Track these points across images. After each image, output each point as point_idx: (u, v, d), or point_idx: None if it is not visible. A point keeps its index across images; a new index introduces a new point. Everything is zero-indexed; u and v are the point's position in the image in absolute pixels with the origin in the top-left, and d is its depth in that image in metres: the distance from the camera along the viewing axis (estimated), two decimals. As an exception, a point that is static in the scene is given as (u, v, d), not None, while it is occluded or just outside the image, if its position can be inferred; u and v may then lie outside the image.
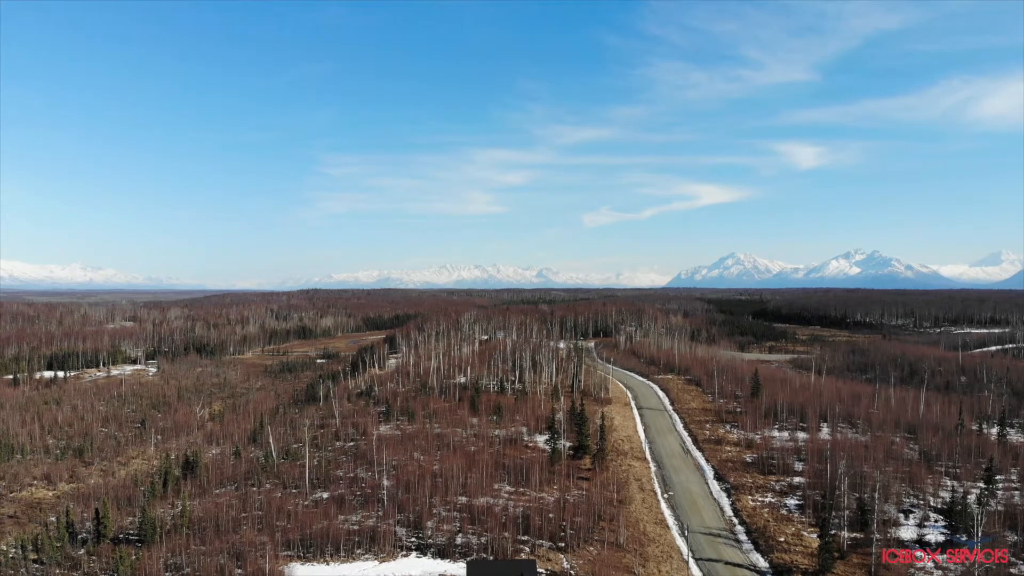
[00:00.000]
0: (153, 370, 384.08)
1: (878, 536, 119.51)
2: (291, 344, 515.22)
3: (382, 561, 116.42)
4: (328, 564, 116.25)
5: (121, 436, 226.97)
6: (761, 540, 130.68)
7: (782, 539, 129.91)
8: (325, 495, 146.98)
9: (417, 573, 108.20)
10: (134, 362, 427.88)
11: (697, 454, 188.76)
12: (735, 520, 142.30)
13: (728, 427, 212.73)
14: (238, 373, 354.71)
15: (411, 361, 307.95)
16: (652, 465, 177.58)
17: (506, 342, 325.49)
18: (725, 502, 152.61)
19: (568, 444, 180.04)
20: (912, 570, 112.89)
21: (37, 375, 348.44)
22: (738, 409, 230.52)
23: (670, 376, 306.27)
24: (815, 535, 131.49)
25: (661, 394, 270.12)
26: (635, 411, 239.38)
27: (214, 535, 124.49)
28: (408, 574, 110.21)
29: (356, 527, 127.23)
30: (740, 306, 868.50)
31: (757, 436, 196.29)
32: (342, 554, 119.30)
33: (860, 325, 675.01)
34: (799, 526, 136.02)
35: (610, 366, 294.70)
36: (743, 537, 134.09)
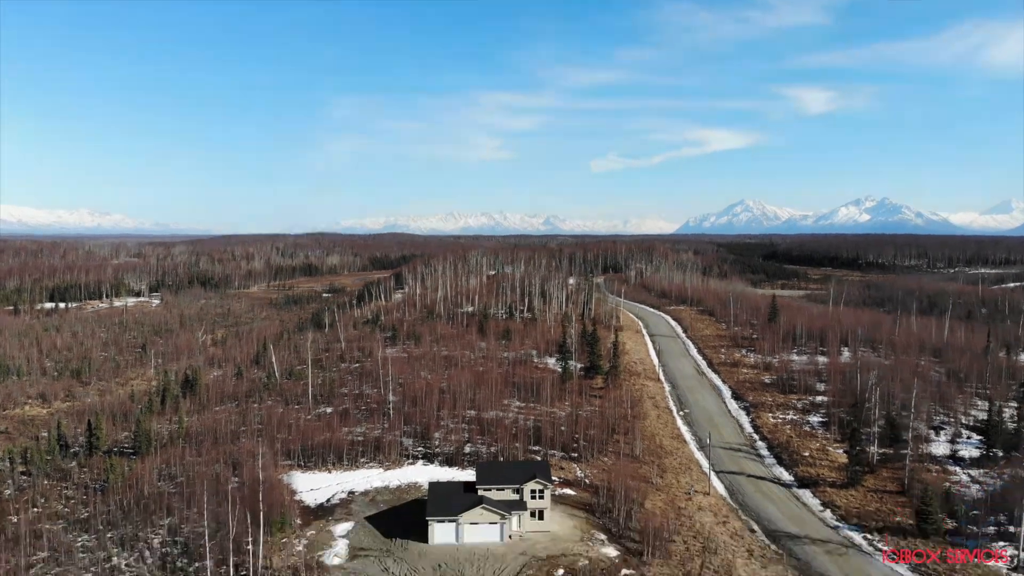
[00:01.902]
0: (156, 302, 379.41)
1: (910, 451, 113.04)
2: (297, 280, 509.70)
3: (387, 469, 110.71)
4: (330, 472, 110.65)
5: (121, 359, 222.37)
6: (784, 455, 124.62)
7: (806, 454, 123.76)
8: (328, 410, 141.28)
9: (424, 478, 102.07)
10: (137, 295, 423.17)
11: (712, 376, 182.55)
12: (755, 436, 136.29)
13: (744, 351, 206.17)
14: (243, 305, 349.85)
15: (417, 292, 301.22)
16: (666, 385, 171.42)
17: (514, 275, 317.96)
18: (744, 419, 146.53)
19: (579, 365, 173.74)
20: (947, 483, 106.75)
21: (38, 307, 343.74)
22: (754, 335, 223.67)
23: (682, 307, 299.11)
24: (841, 450, 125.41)
25: (673, 323, 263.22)
26: (647, 337, 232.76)
27: (211, 446, 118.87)
28: (414, 480, 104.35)
29: (360, 438, 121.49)
30: (749, 249, 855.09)
31: (775, 359, 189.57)
32: (345, 463, 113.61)
33: (872, 266, 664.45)
34: (824, 442, 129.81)
35: (620, 299, 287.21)
36: (764, 452, 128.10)
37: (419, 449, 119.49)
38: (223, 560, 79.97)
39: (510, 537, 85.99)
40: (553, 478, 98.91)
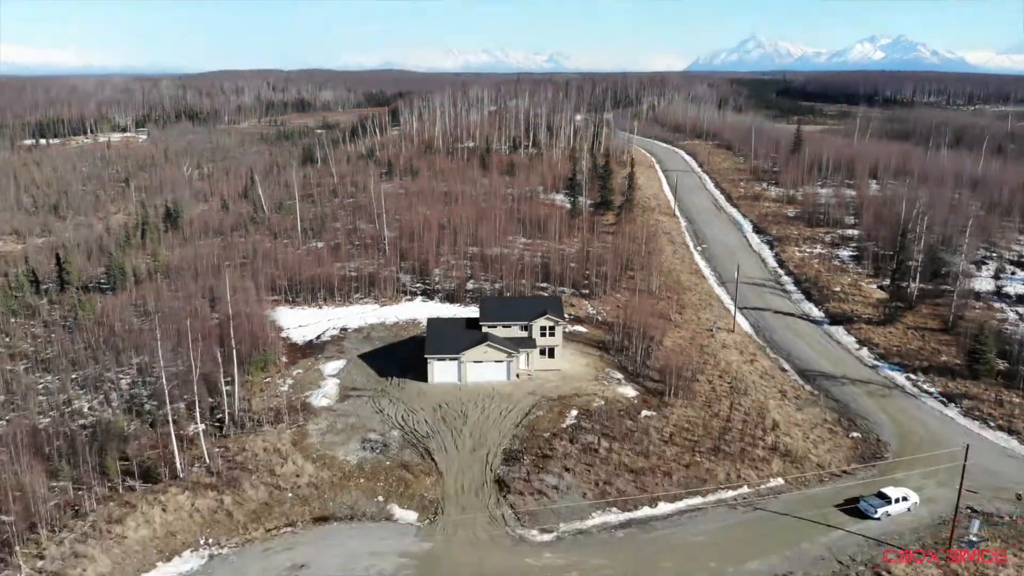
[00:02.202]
0: (143, 137, 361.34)
1: (958, 285, 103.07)
2: (288, 116, 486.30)
3: (383, 305, 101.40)
4: (321, 308, 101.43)
5: (103, 194, 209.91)
6: (813, 290, 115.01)
7: (837, 289, 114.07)
8: (320, 244, 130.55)
9: (423, 315, 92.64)
10: (123, 130, 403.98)
11: (731, 210, 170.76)
12: (780, 271, 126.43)
13: (765, 184, 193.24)
14: (232, 139, 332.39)
15: (414, 127, 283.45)
16: (682, 220, 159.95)
17: (518, 108, 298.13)
18: (767, 254, 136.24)
19: (589, 201, 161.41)
20: (994, 320, 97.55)
21: (20, 143, 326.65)
22: (775, 168, 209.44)
23: (697, 142, 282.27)
24: (875, 286, 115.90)
25: (687, 158, 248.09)
26: (660, 172, 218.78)
27: (191, 281, 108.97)
28: (412, 316, 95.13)
29: (354, 274, 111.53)
30: (763, 86, 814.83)
31: (798, 192, 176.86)
32: (337, 299, 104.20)
33: (890, 103, 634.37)
34: (855, 277, 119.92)
35: (633, 136, 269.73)
36: (791, 287, 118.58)
37: (417, 286, 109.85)
38: (197, 401, 71.72)
39: (517, 376, 77.50)
40: (565, 315, 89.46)
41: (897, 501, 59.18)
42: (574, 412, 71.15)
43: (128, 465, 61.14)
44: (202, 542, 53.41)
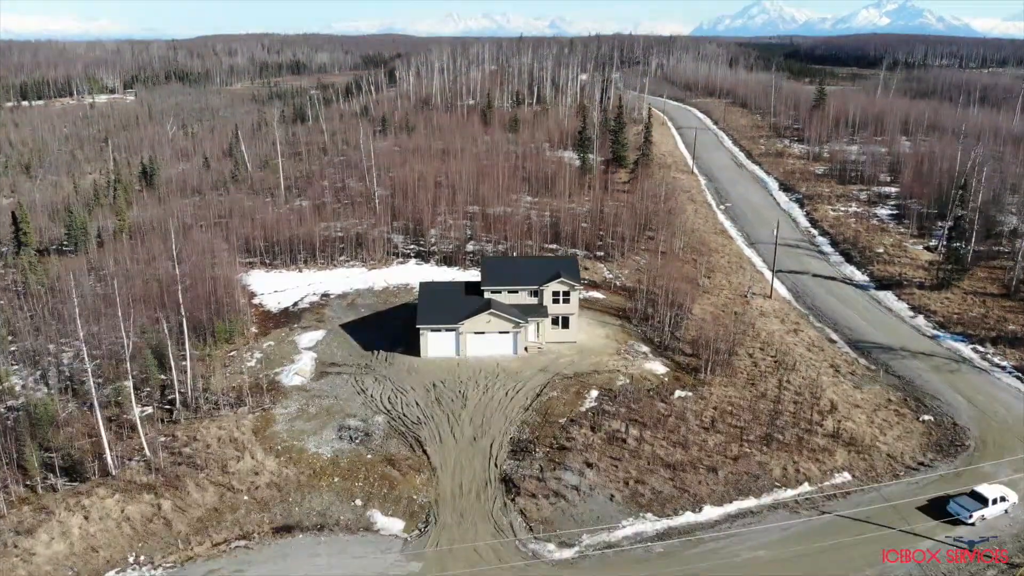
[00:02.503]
0: (131, 98, 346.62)
1: (1003, 248, 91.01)
2: (283, 78, 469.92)
3: (372, 268, 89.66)
4: (301, 272, 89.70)
5: (80, 154, 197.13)
6: (853, 252, 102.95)
7: (880, 250, 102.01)
8: (305, 203, 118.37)
9: (416, 279, 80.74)
10: (111, 92, 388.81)
11: (753, 167, 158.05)
12: (813, 231, 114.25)
13: (787, 142, 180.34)
14: (222, 100, 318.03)
15: (411, 85, 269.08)
16: (701, 178, 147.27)
17: (522, 64, 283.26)
18: (797, 212, 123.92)
19: (600, 158, 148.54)
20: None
21: (3, 105, 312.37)
22: (796, 125, 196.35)
23: (709, 99, 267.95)
24: (921, 247, 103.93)
25: (701, 115, 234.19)
26: (673, 130, 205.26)
27: (159, 241, 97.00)
28: (404, 281, 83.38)
29: (340, 234, 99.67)
30: (769, 49, 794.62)
31: (824, 149, 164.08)
32: (320, 261, 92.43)
33: (905, 65, 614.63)
34: (898, 237, 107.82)
35: (644, 96, 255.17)
36: (827, 248, 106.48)
37: (411, 247, 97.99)
38: (147, 379, 60.27)
39: (526, 350, 65.94)
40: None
41: (994, 502, 47.88)
42: (594, 392, 59.68)
43: (54, 458, 49.88)
44: (131, 560, 42.29)
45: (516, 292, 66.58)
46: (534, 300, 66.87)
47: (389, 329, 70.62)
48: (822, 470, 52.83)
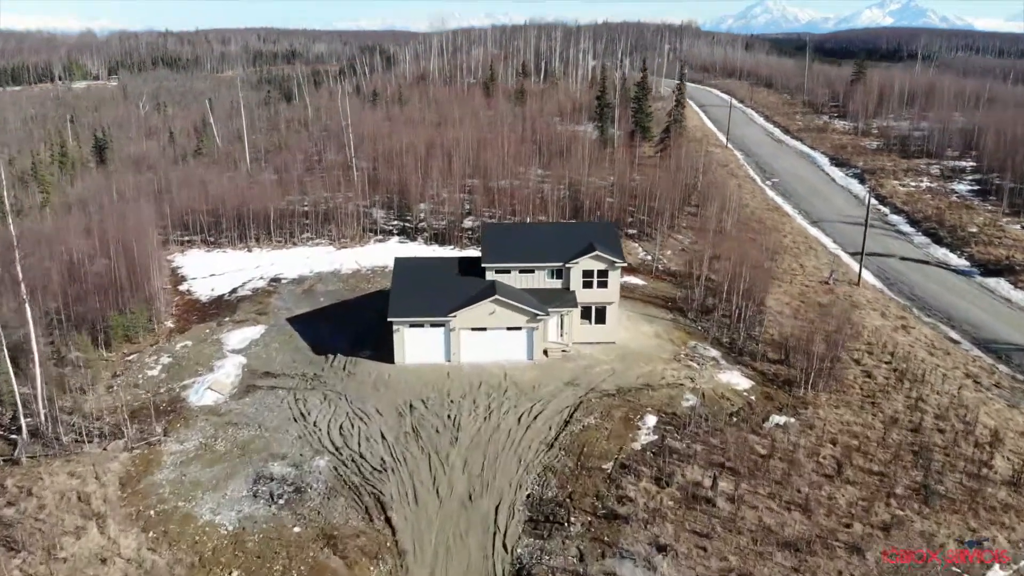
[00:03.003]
0: (114, 84, 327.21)
1: None
2: (278, 66, 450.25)
3: (341, 247, 70.04)
4: (250, 251, 70.03)
5: (41, 132, 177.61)
6: (940, 231, 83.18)
7: (974, 231, 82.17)
8: (273, 176, 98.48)
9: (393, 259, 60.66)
10: (95, 78, 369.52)
11: (793, 142, 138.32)
12: (882, 208, 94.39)
13: (826, 118, 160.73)
14: (208, 84, 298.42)
15: (409, 64, 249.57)
16: (738, 153, 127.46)
17: (528, 39, 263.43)
18: (858, 188, 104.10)
19: (620, 132, 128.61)
20: None
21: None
22: (832, 103, 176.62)
23: (729, 80, 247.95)
24: (1018, 226, 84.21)
25: (724, 95, 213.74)
26: (696, 107, 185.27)
27: (80, 216, 77.27)
28: (382, 264, 63.54)
29: (307, 208, 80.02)
30: (776, 44, 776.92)
31: (872, 125, 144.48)
32: (277, 239, 72.80)
33: (916, 58, 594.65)
34: (988, 215, 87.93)
35: (660, 79, 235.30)
36: (906, 228, 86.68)
37: (395, 223, 78.51)
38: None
39: (545, 354, 46.15)
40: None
41: None
42: (651, 419, 39.92)
43: None
44: None
45: (531, 272, 46.82)
46: (556, 283, 47.13)
47: (354, 324, 50.95)
48: (1013, 540, 33.25)
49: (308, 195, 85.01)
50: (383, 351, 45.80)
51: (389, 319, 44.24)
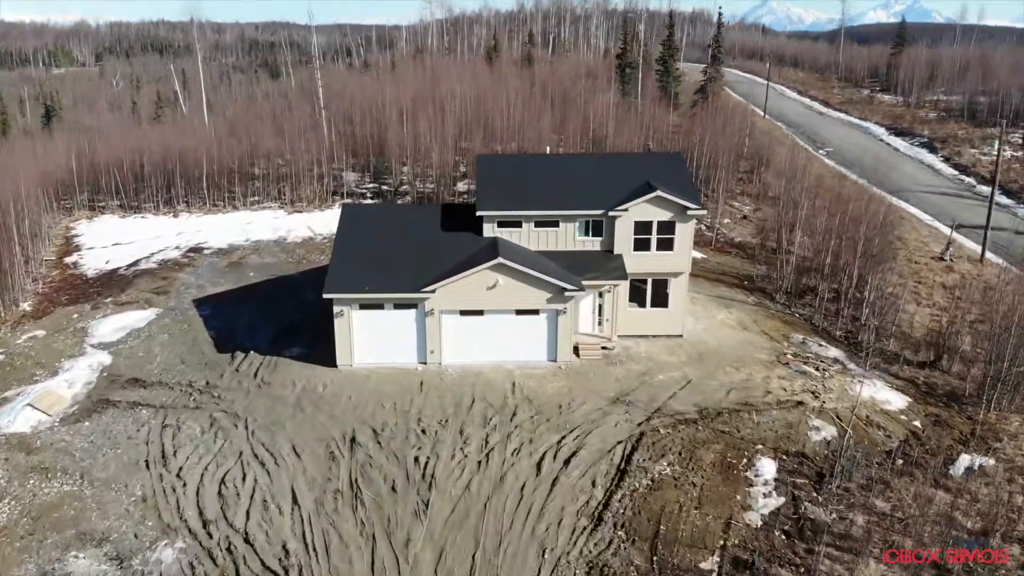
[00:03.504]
0: (97, 69, 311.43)
1: None
2: (273, 54, 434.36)
3: (294, 211, 53.40)
4: (177, 216, 53.37)
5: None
6: (1054, 203, 66.51)
7: (1100, 203, 65.38)
8: (227, 134, 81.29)
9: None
10: (82, 65, 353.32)
11: (838, 114, 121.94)
12: (965, 178, 78.31)
13: (868, 92, 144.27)
14: (195, 66, 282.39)
15: (407, 45, 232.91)
16: (779, 123, 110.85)
17: (535, 20, 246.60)
18: (930, 158, 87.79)
19: (641, 101, 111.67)
20: None
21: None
22: (871, 78, 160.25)
23: (750, 62, 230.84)
24: None
25: (746, 75, 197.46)
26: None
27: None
28: (332, 232, 46.54)
29: (262, 171, 63.05)
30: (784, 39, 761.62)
31: (923, 98, 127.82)
32: (214, 202, 56.14)
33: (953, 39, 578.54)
34: (1111, 186, 71.23)
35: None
36: (1004, 199, 70.01)
37: (369, 186, 61.78)
38: None
39: (576, 352, 29.27)
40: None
41: None
42: (767, 466, 23.22)
43: None
44: None
45: (554, 225, 29.98)
46: (593, 243, 30.31)
47: (287, 309, 34.28)
48: None
49: (268, 158, 68.03)
50: (322, 349, 29.13)
51: (326, 295, 27.51)
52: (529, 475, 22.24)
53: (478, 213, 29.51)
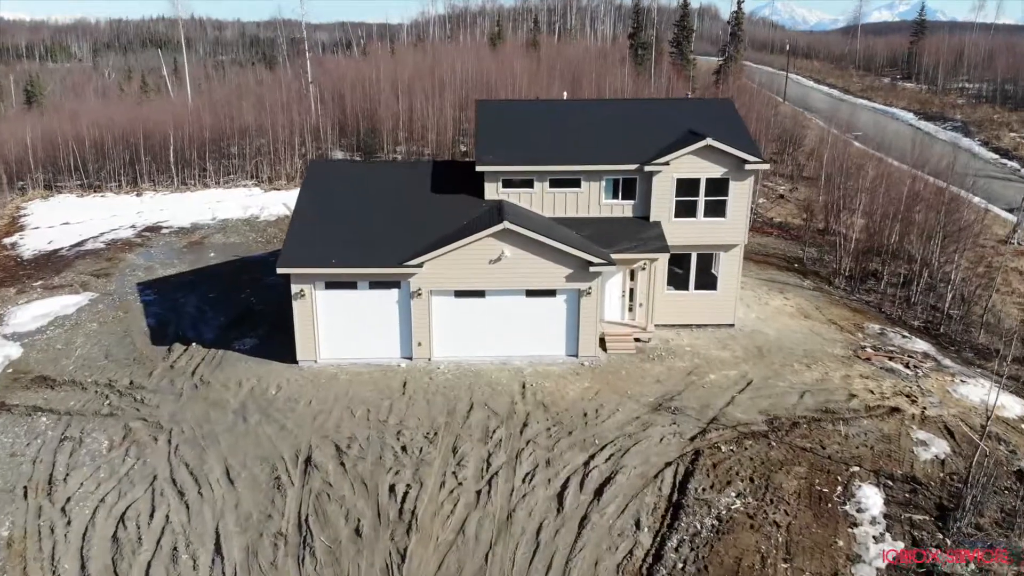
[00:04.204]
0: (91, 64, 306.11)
1: None
2: (275, 52, 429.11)
3: (271, 189, 47.46)
4: (141, 195, 47.42)
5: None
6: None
7: None
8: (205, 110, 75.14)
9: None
10: (79, 60, 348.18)
11: (860, 100, 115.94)
12: (1007, 162, 72.47)
13: (889, 80, 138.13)
14: (193, 60, 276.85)
15: (408, 35, 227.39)
16: (801, 109, 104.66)
17: (539, 4, 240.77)
18: (966, 141, 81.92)
19: (655, 79, 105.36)
20: None
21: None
22: (891, 66, 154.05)
23: (761, 54, 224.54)
24: None
25: (755, 65, 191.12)
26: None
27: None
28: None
29: (240, 149, 56.86)
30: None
31: (949, 84, 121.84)
32: (188, 181, 50.10)
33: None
34: None
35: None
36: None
37: (357, 158, 55.49)
38: None
39: (603, 346, 23.08)
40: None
41: None
42: (869, 495, 17.01)
43: None
44: None
45: (573, 184, 23.80)
46: (624, 207, 24.10)
47: (247, 293, 28.23)
48: None
49: (239, 130, 61.70)
50: (281, 341, 23.06)
51: (281, 269, 21.41)
52: (547, 512, 16.11)
53: (478, 168, 23.37)
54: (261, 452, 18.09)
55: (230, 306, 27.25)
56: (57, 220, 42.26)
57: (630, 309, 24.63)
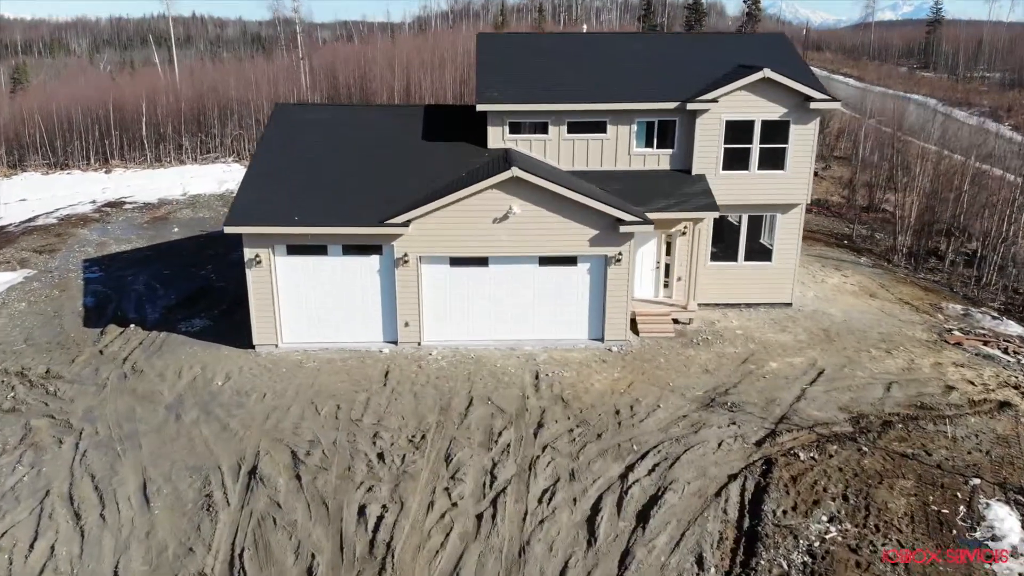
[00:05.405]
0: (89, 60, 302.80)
1: None
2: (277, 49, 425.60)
3: (240, 161, 43.09)
4: (109, 172, 43.28)
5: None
6: None
7: None
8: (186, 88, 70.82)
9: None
10: (78, 57, 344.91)
11: (879, 88, 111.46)
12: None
13: (907, 69, 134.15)
14: (191, 55, 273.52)
15: (410, 28, 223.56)
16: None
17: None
18: (996, 125, 77.85)
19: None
20: None
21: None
22: (907, 56, 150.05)
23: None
24: None
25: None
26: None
27: None
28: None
29: (216, 121, 52.56)
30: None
31: (970, 73, 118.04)
32: (164, 158, 45.85)
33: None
34: None
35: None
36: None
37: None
38: None
39: (634, 328, 18.61)
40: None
41: None
42: (1001, 517, 12.81)
43: None
44: None
45: (597, 129, 19.44)
46: (660, 157, 19.73)
47: (205, 269, 23.87)
48: None
49: (220, 103, 57.40)
50: (237, 322, 18.76)
51: (228, 228, 17.10)
52: (574, 546, 11.72)
53: (479, 108, 19.03)
54: (193, 460, 13.74)
55: (185, 283, 22.94)
56: (14, 198, 38.05)
57: (666, 285, 20.28)
